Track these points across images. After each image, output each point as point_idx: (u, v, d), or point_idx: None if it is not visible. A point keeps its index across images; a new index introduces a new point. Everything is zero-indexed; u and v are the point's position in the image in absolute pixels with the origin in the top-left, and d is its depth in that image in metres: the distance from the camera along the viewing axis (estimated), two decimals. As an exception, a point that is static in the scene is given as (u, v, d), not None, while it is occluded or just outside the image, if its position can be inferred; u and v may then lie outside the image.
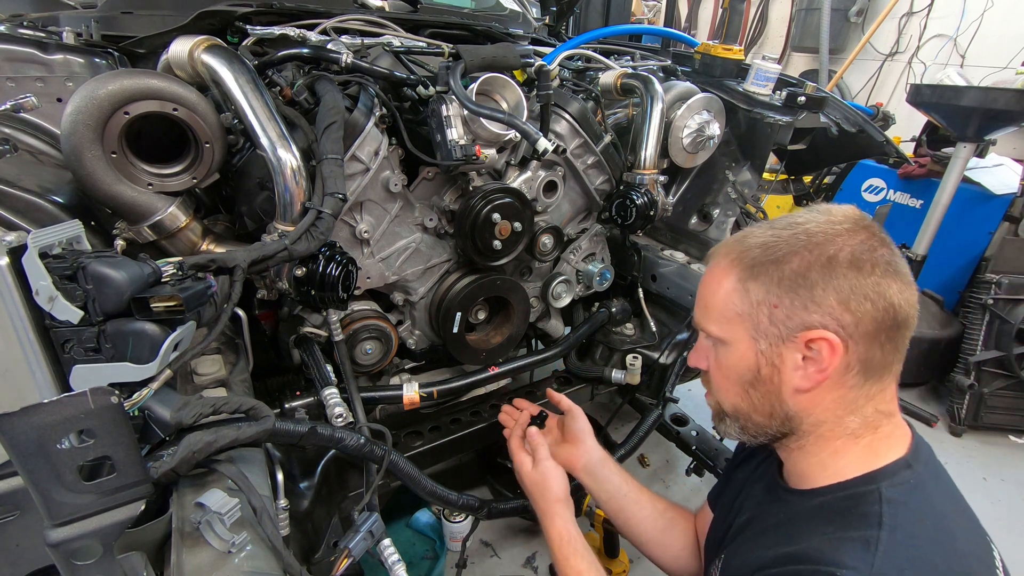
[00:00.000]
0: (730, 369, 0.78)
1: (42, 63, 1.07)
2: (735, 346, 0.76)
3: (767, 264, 0.72)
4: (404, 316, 1.48)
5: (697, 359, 0.86)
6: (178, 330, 0.75)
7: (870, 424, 0.74)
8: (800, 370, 0.72)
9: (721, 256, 0.79)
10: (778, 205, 4.16)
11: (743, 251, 0.76)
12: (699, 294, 0.82)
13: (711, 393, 0.86)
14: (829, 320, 0.68)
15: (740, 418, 0.80)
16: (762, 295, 0.72)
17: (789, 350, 0.72)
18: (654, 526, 1.14)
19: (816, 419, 0.74)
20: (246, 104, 0.97)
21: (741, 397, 0.78)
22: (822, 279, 0.68)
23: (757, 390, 0.76)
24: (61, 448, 0.59)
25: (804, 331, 0.70)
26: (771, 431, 0.78)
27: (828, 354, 0.69)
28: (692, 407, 2.62)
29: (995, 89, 2.70)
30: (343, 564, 0.89)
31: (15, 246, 0.68)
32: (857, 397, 0.72)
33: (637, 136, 1.47)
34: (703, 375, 0.87)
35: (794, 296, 0.70)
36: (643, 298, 1.75)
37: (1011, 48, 4.16)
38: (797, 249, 0.71)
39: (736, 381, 0.78)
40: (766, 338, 0.73)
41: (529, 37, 1.88)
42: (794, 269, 0.70)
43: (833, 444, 0.75)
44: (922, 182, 3.26)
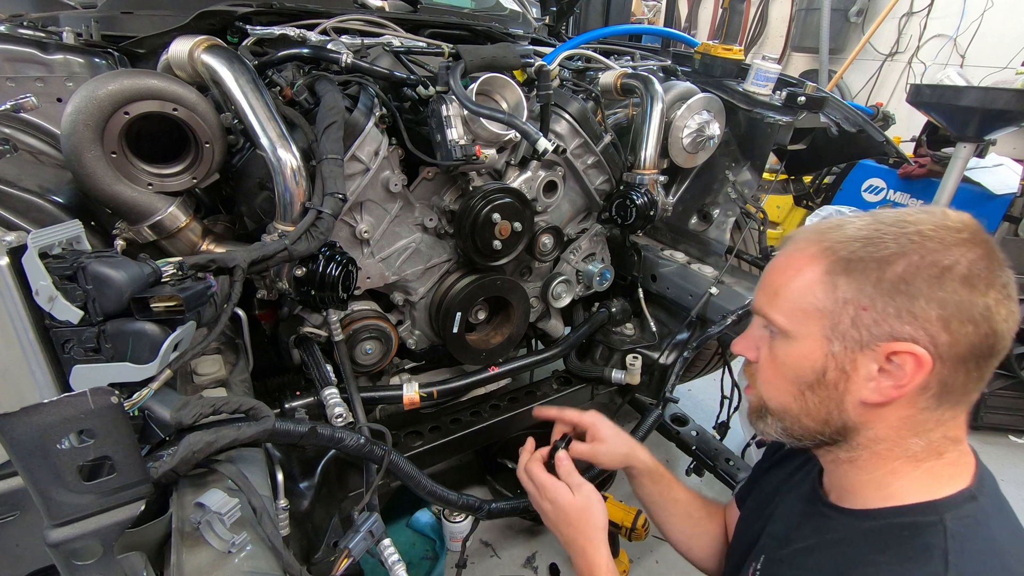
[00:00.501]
0: (788, 366, 0.71)
1: (42, 63, 1.07)
2: (801, 342, 0.69)
3: (868, 261, 0.64)
4: (404, 316, 1.48)
5: (745, 347, 0.79)
6: (178, 330, 0.75)
7: (935, 449, 0.67)
8: (873, 381, 0.65)
9: (808, 242, 0.71)
10: (778, 205, 4.16)
11: (839, 241, 0.67)
12: (768, 277, 0.75)
13: (753, 387, 0.79)
14: (922, 335, 0.61)
15: (786, 419, 0.74)
16: (852, 294, 0.65)
17: (865, 358, 0.65)
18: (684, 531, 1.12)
19: (875, 435, 0.68)
20: (246, 104, 0.97)
21: (794, 397, 0.71)
22: (928, 290, 0.61)
23: (816, 394, 0.69)
24: (61, 448, 0.59)
25: (890, 341, 0.63)
26: (820, 437, 0.72)
27: (912, 370, 0.62)
28: (692, 407, 2.62)
29: (995, 89, 2.70)
30: (343, 564, 0.89)
31: (15, 246, 0.68)
32: (926, 420, 0.66)
33: (637, 136, 1.47)
34: (746, 366, 0.81)
35: (889, 301, 0.62)
36: (643, 298, 1.75)
37: (1011, 48, 4.16)
38: (906, 250, 0.63)
39: (792, 379, 0.71)
40: (842, 341, 0.66)
41: (529, 37, 1.88)
42: (899, 273, 0.62)
43: (890, 464, 0.69)
44: (922, 182, 3.26)
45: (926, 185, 3.21)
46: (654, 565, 1.95)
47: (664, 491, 1.13)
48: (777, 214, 4.18)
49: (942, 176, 2.85)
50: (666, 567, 1.94)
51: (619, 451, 1.12)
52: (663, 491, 1.13)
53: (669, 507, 1.13)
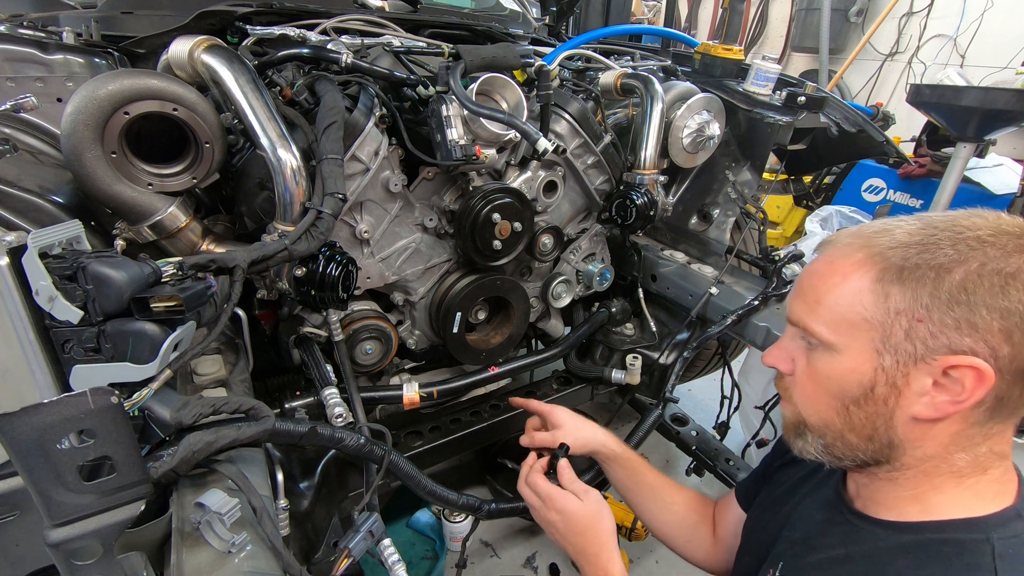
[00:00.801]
0: (832, 381, 0.66)
1: (42, 63, 1.07)
2: (847, 355, 0.64)
3: (923, 269, 0.60)
4: (404, 316, 1.48)
5: (779, 359, 0.74)
6: (178, 330, 0.75)
7: (980, 465, 0.64)
8: (927, 396, 0.61)
9: (854, 247, 0.66)
10: (778, 205, 4.17)
11: (889, 246, 0.63)
12: (807, 284, 0.70)
13: (789, 402, 0.74)
14: (983, 347, 0.58)
15: (828, 436, 0.69)
16: (906, 304, 0.60)
17: (920, 372, 0.61)
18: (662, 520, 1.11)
19: (924, 453, 0.64)
20: (246, 104, 0.97)
21: (838, 413, 0.67)
22: (991, 299, 0.57)
23: (862, 410, 0.65)
24: (61, 448, 0.59)
25: (948, 355, 0.59)
26: (863, 456, 0.68)
27: (972, 385, 0.58)
28: (692, 407, 2.62)
29: (995, 89, 2.71)
30: (343, 564, 0.89)
31: (15, 246, 0.68)
32: (975, 435, 0.63)
33: (637, 136, 1.47)
34: (780, 379, 0.76)
35: (948, 312, 0.58)
36: (643, 298, 1.75)
37: (1011, 48, 4.16)
38: (965, 257, 0.58)
39: (835, 395, 0.66)
40: (894, 354, 0.61)
41: (529, 37, 1.88)
42: (957, 282, 0.58)
43: (933, 480, 0.66)
44: (922, 182, 3.26)
45: (926, 185, 3.21)
46: (654, 565, 1.95)
47: (634, 476, 1.13)
48: (777, 214, 4.18)
49: (942, 176, 2.85)
50: (666, 567, 1.94)
51: (579, 435, 1.12)
52: (631, 476, 1.13)
53: (641, 492, 1.13)
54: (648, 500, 1.13)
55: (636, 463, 1.14)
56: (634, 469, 1.14)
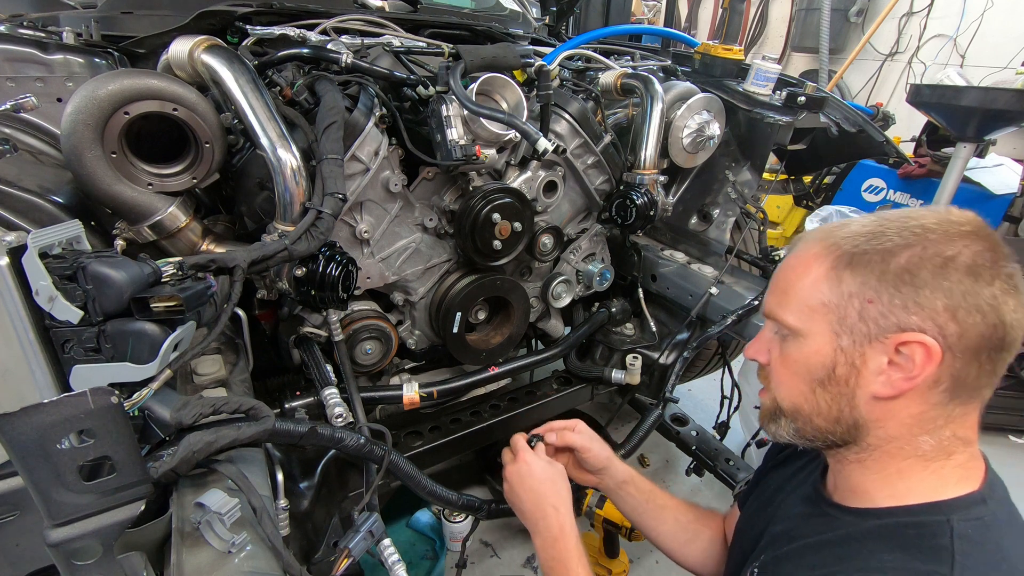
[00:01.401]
0: (799, 364, 0.71)
1: (42, 63, 1.07)
2: (811, 339, 0.69)
3: (871, 254, 0.65)
4: (404, 316, 1.48)
5: (757, 351, 0.79)
6: (178, 330, 0.75)
7: (944, 449, 0.67)
8: (883, 375, 0.65)
9: (814, 241, 0.72)
10: (778, 205, 4.16)
11: (844, 237, 0.69)
12: (777, 279, 0.75)
13: (767, 390, 0.79)
14: (930, 325, 0.62)
15: (799, 419, 0.73)
16: (857, 287, 0.65)
17: (875, 351, 0.65)
18: (676, 539, 1.11)
19: (887, 433, 0.68)
20: (246, 104, 0.97)
21: (806, 397, 0.72)
22: (933, 279, 0.61)
23: (827, 391, 0.69)
24: (61, 448, 0.59)
25: (898, 332, 0.63)
26: (832, 437, 0.72)
27: (922, 360, 0.62)
28: (692, 407, 2.62)
29: (995, 89, 2.70)
30: (343, 564, 0.89)
31: (15, 246, 0.68)
32: (937, 417, 0.66)
33: (637, 136, 1.47)
34: (760, 370, 0.81)
35: (895, 293, 0.63)
36: (643, 298, 1.75)
37: (1011, 48, 4.16)
38: (909, 243, 0.64)
39: (804, 378, 0.71)
40: (850, 334, 0.66)
41: (529, 37, 1.88)
42: (902, 264, 0.63)
43: (899, 463, 0.69)
44: (922, 182, 3.26)
45: (926, 185, 3.21)
46: (654, 565, 1.95)
47: (649, 498, 1.13)
48: (777, 214, 4.18)
49: (942, 176, 2.85)
50: (666, 567, 1.94)
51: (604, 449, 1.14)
52: (648, 499, 1.13)
53: (657, 514, 1.12)
54: (662, 522, 1.12)
55: (648, 487, 1.14)
56: (648, 492, 1.13)
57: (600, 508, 1.75)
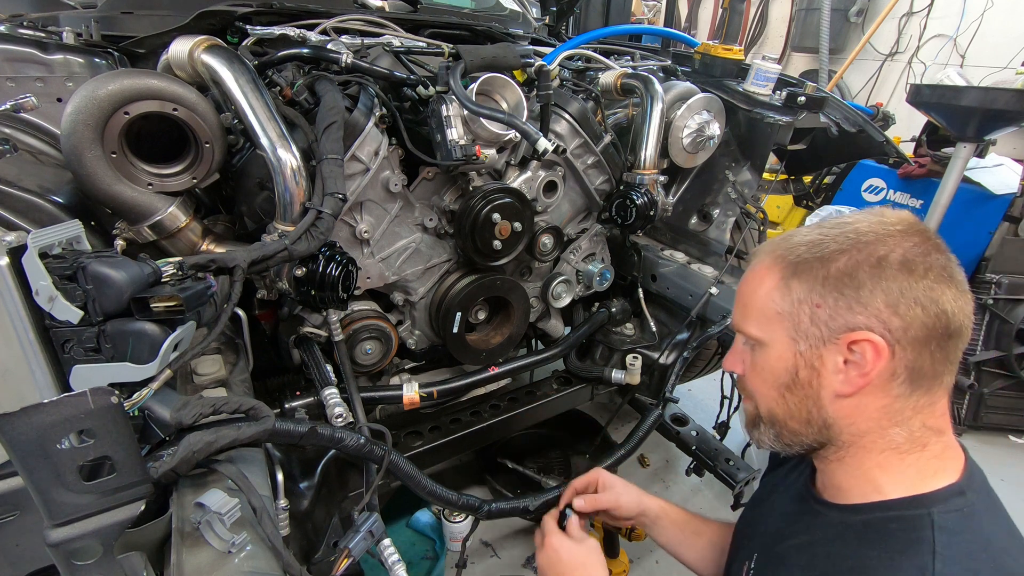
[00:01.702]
0: (767, 371, 0.75)
1: (42, 63, 1.07)
2: (773, 347, 0.73)
3: (812, 262, 0.69)
4: (404, 316, 1.48)
5: (733, 363, 0.83)
6: (178, 330, 0.75)
7: (917, 440, 0.70)
8: (841, 373, 0.68)
9: (764, 255, 0.76)
10: (778, 205, 4.16)
11: (788, 248, 0.73)
12: (739, 293, 0.80)
13: (749, 398, 0.82)
14: (875, 322, 0.65)
15: (776, 424, 0.77)
16: (804, 293, 0.69)
17: (830, 352, 0.69)
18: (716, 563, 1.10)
19: (858, 429, 0.71)
20: (246, 104, 0.97)
21: (777, 402, 0.75)
22: (870, 279, 0.66)
23: (794, 394, 0.73)
24: (61, 448, 0.59)
25: (847, 332, 0.67)
26: (807, 440, 0.75)
27: (872, 357, 0.66)
28: (692, 407, 2.62)
29: (995, 89, 2.70)
30: (343, 564, 0.89)
31: (15, 246, 0.69)
32: (903, 408, 0.68)
33: (637, 136, 1.47)
34: (739, 380, 0.85)
35: (839, 296, 0.67)
36: (643, 298, 1.75)
37: (1011, 48, 4.16)
38: (845, 247, 0.68)
39: (772, 384, 0.75)
40: (806, 339, 0.70)
41: (529, 37, 1.88)
42: (840, 268, 0.67)
43: (876, 458, 0.71)
44: (922, 182, 3.25)
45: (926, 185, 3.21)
46: (654, 565, 1.95)
47: (684, 527, 1.14)
48: (777, 214, 4.18)
49: (942, 176, 2.84)
50: (666, 567, 1.94)
51: (633, 497, 1.16)
52: (682, 529, 1.14)
53: (693, 543, 1.13)
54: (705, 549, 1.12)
55: (683, 515, 1.15)
56: (684, 522, 1.15)
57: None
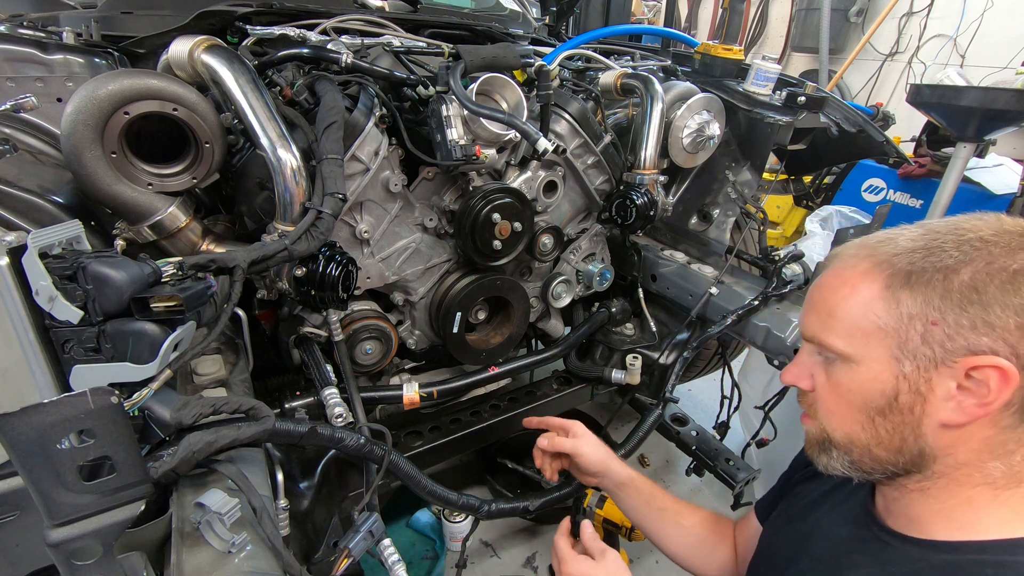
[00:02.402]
0: (853, 392, 0.66)
1: (42, 63, 1.07)
2: (866, 366, 0.64)
3: (929, 272, 0.60)
4: (404, 316, 1.48)
5: (797, 377, 0.73)
6: (178, 330, 0.75)
7: (1015, 475, 0.62)
8: (952, 401, 0.60)
9: (858, 257, 0.67)
10: (778, 205, 4.17)
11: (893, 254, 0.64)
12: (816, 299, 0.70)
13: (812, 417, 0.73)
14: (1002, 346, 0.57)
15: (855, 451, 0.68)
16: (918, 308, 0.60)
17: (942, 376, 0.60)
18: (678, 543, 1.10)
19: (955, 460, 0.63)
20: (246, 104, 0.97)
21: (863, 426, 0.66)
22: (1002, 296, 0.57)
23: (888, 420, 0.64)
24: (61, 448, 0.59)
25: (967, 356, 0.58)
26: (893, 468, 0.66)
27: (998, 385, 0.57)
28: (692, 407, 2.62)
29: (995, 89, 2.70)
30: (343, 564, 0.89)
31: (15, 246, 0.68)
32: (1007, 440, 0.61)
33: (637, 136, 1.47)
34: (801, 395, 0.75)
35: (961, 313, 0.58)
36: (643, 298, 1.75)
37: (1011, 48, 4.16)
38: (971, 258, 0.59)
39: (859, 407, 0.65)
40: (913, 360, 0.61)
41: (529, 37, 1.88)
42: (966, 282, 0.58)
43: (967, 492, 0.63)
44: (922, 182, 3.26)
45: (926, 185, 3.21)
46: (654, 565, 1.95)
47: (648, 501, 1.11)
48: (777, 214, 4.18)
49: (942, 176, 2.85)
50: (666, 567, 1.94)
51: (598, 449, 1.13)
52: (647, 501, 1.12)
53: (656, 517, 1.11)
54: (665, 525, 1.11)
55: (649, 489, 1.13)
56: (649, 494, 1.12)
57: (600, 508, 1.75)
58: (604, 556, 0.96)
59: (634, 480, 1.13)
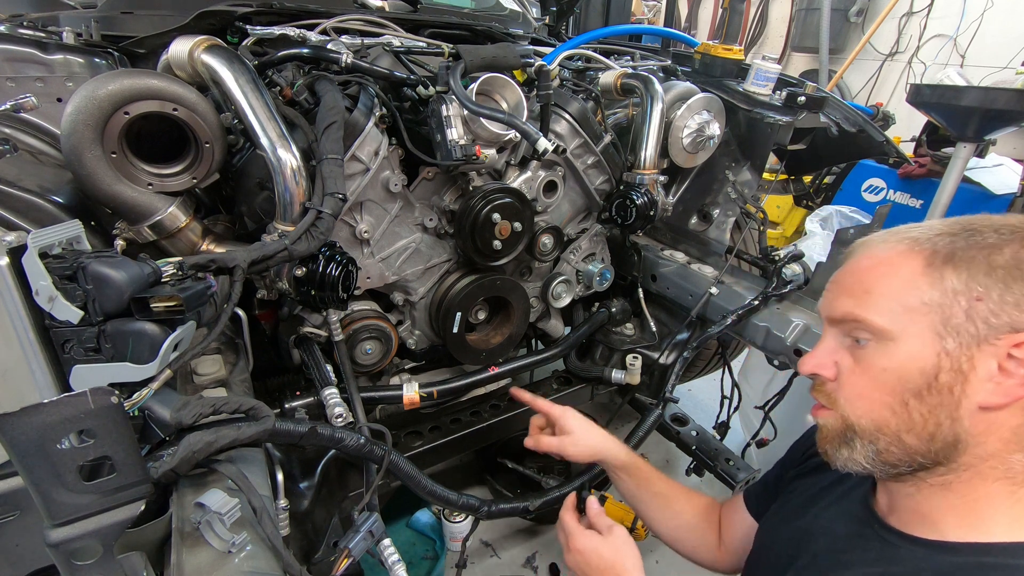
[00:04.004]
0: (888, 373, 0.63)
1: (42, 63, 1.07)
2: (905, 343, 0.61)
3: (973, 250, 0.59)
4: (404, 316, 1.48)
5: (820, 364, 0.70)
6: (178, 330, 0.75)
7: None
8: (991, 381, 0.58)
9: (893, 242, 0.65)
10: (778, 205, 4.17)
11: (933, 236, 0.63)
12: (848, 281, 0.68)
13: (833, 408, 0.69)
14: None
15: (882, 439, 0.64)
16: (962, 284, 0.59)
17: (984, 354, 0.58)
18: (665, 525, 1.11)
19: (984, 450, 0.60)
20: (246, 104, 0.97)
21: (894, 410, 0.63)
22: None
23: (924, 402, 0.61)
24: (61, 448, 0.59)
25: (1011, 333, 0.57)
26: (921, 459, 0.63)
27: None
28: (692, 407, 2.62)
29: (995, 89, 2.70)
30: (343, 564, 0.89)
31: (15, 246, 0.68)
32: None
33: (637, 136, 1.47)
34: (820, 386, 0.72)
35: (1006, 290, 0.57)
36: (643, 298, 1.75)
37: (1011, 48, 4.16)
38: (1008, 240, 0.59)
39: (893, 389, 0.62)
40: (956, 336, 0.59)
41: (529, 37, 1.88)
42: (1009, 260, 0.57)
43: (988, 487, 0.61)
44: (922, 182, 3.26)
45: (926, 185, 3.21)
46: (654, 565, 1.95)
47: (642, 485, 1.12)
48: (777, 214, 4.18)
49: (942, 176, 2.85)
50: (666, 567, 1.94)
51: (587, 443, 1.12)
52: (641, 485, 1.12)
53: (649, 500, 1.12)
54: (657, 509, 1.11)
55: (645, 472, 1.13)
56: (643, 478, 1.12)
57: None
58: (611, 531, 0.95)
59: (629, 465, 1.13)
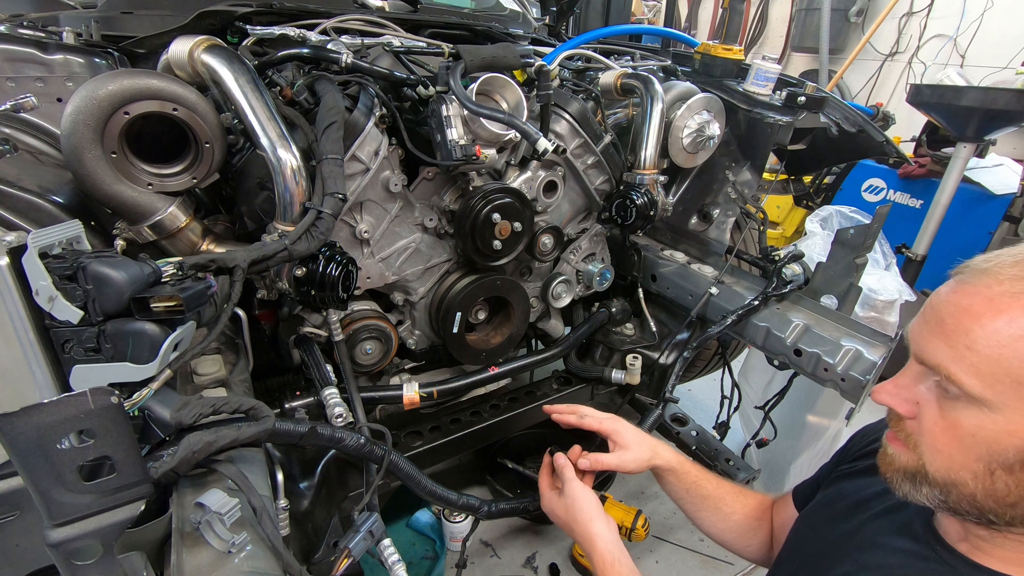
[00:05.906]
0: (978, 440, 0.56)
1: (42, 63, 1.07)
2: (1005, 416, 0.54)
3: None
4: (404, 316, 1.48)
5: (898, 401, 0.63)
6: (178, 330, 0.75)
7: None
8: None
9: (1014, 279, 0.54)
10: (778, 205, 4.17)
11: None
12: (953, 324, 0.57)
13: (909, 448, 0.63)
14: None
15: (954, 494, 0.59)
16: None
17: None
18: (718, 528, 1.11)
19: None
20: (246, 104, 0.97)
21: (975, 475, 0.56)
22: None
23: (1014, 476, 0.55)
24: (61, 448, 0.59)
25: None
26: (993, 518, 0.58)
27: None
28: (692, 407, 2.62)
29: (995, 89, 2.70)
30: (343, 564, 0.89)
31: (15, 246, 0.68)
32: None
33: (637, 136, 1.46)
34: (896, 419, 0.65)
35: None
36: (643, 298, 1.75)
37: (1011, 48, 4.16)
38: None
39: (980, 457, 0.56)
40: None
41: (529, 37, 1.88)
42: None
43: None
44: (922, 182, 3.26)
45: (926, 185, 3.21)
46: (654, 565, 1.95)
47: (692, 488, 1.12)
48: (777, 214, 4.18)
49: (942, 176, 2.85)
50: (666, 567, 1.94)
51: (644, 456, 1.10)
52: (690, 489, 1.12)
53: (699, 504, 1.12)
54: (707, 511, 1.11)
55: (693, 475, 1.12)
56: (692, 481, 1.12)
57: (600, 507, 1.75)
58: (564, 491, 1.04)
59: (678, 468, 1.12)
